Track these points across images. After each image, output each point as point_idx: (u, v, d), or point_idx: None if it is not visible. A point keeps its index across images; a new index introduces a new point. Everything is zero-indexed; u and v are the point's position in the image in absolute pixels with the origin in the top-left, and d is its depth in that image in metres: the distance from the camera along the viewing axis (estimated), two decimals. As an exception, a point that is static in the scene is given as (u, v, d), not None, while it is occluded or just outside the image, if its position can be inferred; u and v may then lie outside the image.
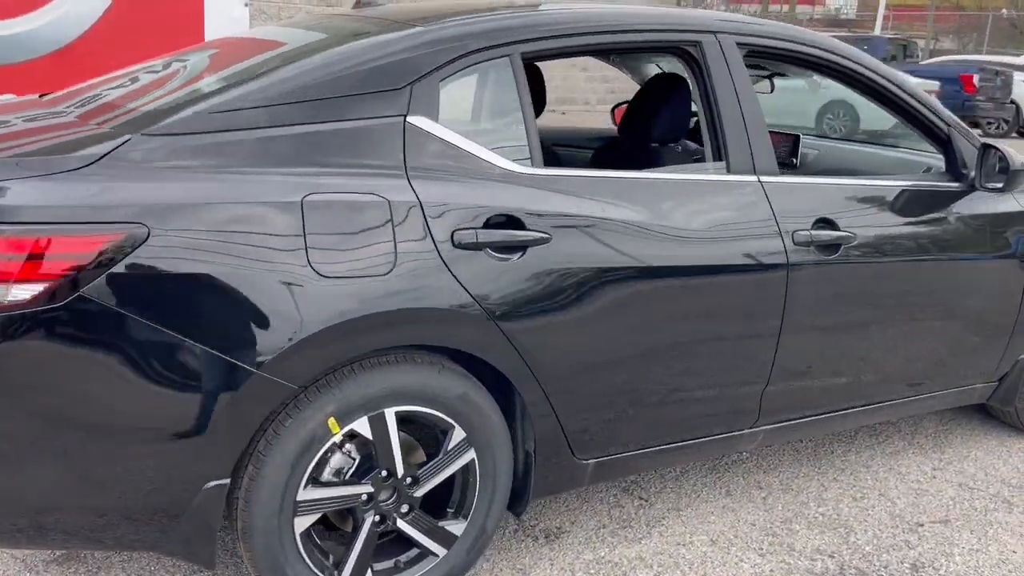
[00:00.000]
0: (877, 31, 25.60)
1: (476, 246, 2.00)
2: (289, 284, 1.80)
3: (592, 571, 2.40)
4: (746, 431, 2.62)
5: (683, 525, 2.66)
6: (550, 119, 4.00)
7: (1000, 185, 2.79)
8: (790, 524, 2.70)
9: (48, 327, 1.65)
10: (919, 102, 2.86)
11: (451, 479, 2.17)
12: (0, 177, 1.67)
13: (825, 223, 2.55)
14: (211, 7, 5.79)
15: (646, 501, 2.79)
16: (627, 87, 4.31)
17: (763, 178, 2.49)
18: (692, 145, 2.89)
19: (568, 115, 14.82)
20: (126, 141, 1.79)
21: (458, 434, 2.09)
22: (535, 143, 2.19)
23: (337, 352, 1.88)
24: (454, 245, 1.97)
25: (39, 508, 1.78)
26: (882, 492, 2.94)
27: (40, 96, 2.47)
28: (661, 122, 2.85)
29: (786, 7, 37.90)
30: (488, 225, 2.02)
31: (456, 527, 2.17)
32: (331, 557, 2.05)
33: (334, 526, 2.12)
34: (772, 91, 3.53)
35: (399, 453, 2.03)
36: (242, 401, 1.79)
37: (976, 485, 3.03)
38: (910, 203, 2.81)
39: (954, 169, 2.92)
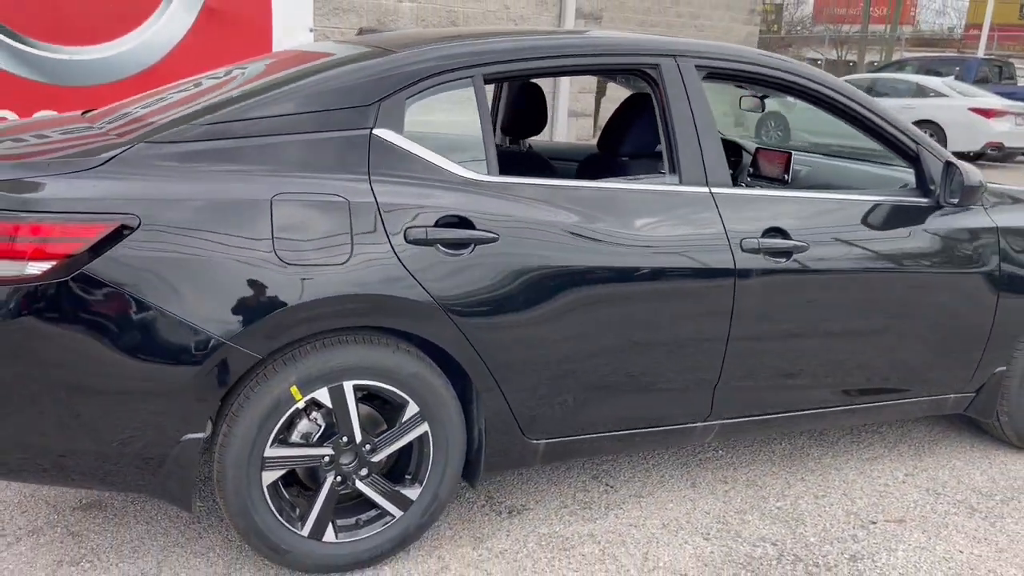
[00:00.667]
0: (981, 52, 24.85)
1: (427, 242, 2.28)
2: (256, 268, 2.12)
3: (543, 544, 2.63)
4: (699, 424, 2.81)
5: (640, 510, 2.87)
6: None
7: (956, 200, 2.92)
8: (744, 515, 2.88)
9: (54, 299, 2.01)
10: (885, 121, 3.02)
11: (408, 449, 2.45)
12: (26, 175, 2.04)
13: (776, 232, 2.74)
14: (279, 34, 6.27)
15: (611, 487, 3.01)
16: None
17: (714, 190, 2.70)
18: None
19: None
20: (130, 148, 2.15)
21: (412, 408, 2.37)
22: (492, 153, 2.47)
23: (297, 329, 2.19)
24: (406, 240, 2.27)
25: (58, 452, 2.14)
26: (846, 492, 3.08)
27: (83, 113, 2.89)
28: (629, 137, 3.09)
29: (887, 26, 37.12)
30: (439, 224, 2.31)
31: (412, 492, 2.45)
32: (297, 511, 2.36)
33: (307, 486, 2.42)
34: (763, 111, 3.71)
35: (357, 421, 2.32)
36: (213, 367, 2.11)
37: (944, 491, 3.13)
38: (873, 216, 2.96)
39: (923, 185, 3.06)
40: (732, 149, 3.92)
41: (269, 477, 2.27)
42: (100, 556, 2.44)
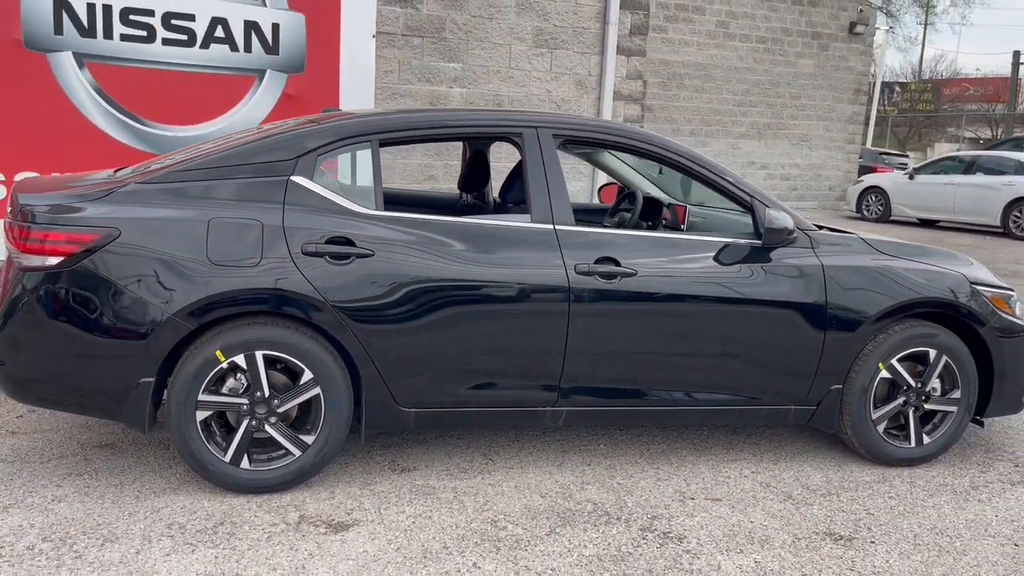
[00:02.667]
0: None
1: (318, 254, 3.26)
2: (194, 266, 3.15)
3: (414, 490, 3.47)
4: (548, 409, 3.60)
5: (504, 476, 3.66)
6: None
7: (761, 241, 3.64)
8: (586, 486, 3.61)
9: (64, 280, 3.10)
10: (721, 177, 3.79)
11: (308, 405, 3.37)
12: (57, 203, 3.16)
13: (609, 260, 3.54)
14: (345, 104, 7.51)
15: (491, 461, 3.82)
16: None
17: (558, 227, 3.55)
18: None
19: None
20: (125, 187, 3.25)
21: (307, 375, 3.31)
22: (379, 194, 3.43)
23: (220, 310, 3.19)
24: (302, 252, 3.24)
25: (64, 385, 3.20)
26: (687, 479, 3.75)
27: (115, 171, 4.06)
28: (512, 188, 3.98)
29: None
30: (328, 242, 3.28)
31: (308, 438, 3.37)
32: (224, 443, 3.32)
33: (233, 427, 3.38)
34: (660, 172, 4.51)
35: (266, 381, 3.27)
36: (161, 332, 3.14)
37: (776, 485, 3.74)
38: (708, 253, 3.69)
39: (757, 229, 3.77)
40: (654, 204, 4.70)
41: (201, 415, 3.25)
42: (98, 474, 3.48)
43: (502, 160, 7.62)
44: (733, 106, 18.01)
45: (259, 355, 3.25)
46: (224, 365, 3.23)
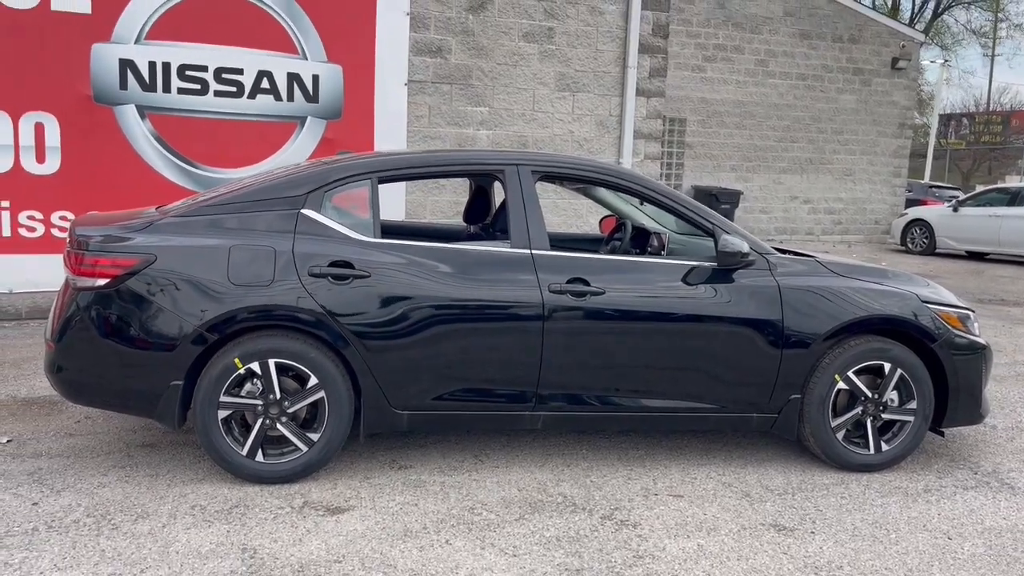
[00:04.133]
0: None
1: (321, 275, 3.80)
2: (217, 285, 3.71)
3: (407, 483, 3.95)
4: (527, 414, 4.06)
5: (490, 474, 4.11)
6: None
7: (716, 264, 4.07)
8: (562, 482, 4.05)
9: (110, 298, 3.70)
10: (685, 207, 4.23)
11: (315, 407, 3.89)
12: (107, 233, 3.77)
13: (579, 281, 4.01)
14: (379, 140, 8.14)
15: (481, 461, 4.28)
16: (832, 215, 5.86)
17: (535, 252, 4.03)
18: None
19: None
20: (161, 219, 3.85)
21: (313, 380, 3.84)
22: (377, 223, 3.97)
23: (239, 323, 3.74)
24: (309, 274, 3.79)
25: (107, 387, 3.79)
26: (655, 479, 4.15)
27: (157, 208, 4.68)
28: (500, 218, 4.48)
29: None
30: (331, 264, 3.82)
31: (314, 435, 3.88)
32: (241, 438, 3.85)
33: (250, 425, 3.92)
34: (642, 203, 4.96)
35: (277, 385, 3.81)
36: (187, 342, 3.71)
37: (737, 484, 4.12)
38: (673, 275, 4.13)
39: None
40: (644, 233, 5.14)
41: (222, 414, 3.79)
42: (138, 466, 4.05)
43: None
44: (774, 142, 18.30)
45: (272, 363, 3.79)
46: (242, 371, 3.77)
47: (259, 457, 3.84)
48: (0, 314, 7.15)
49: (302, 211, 3.91)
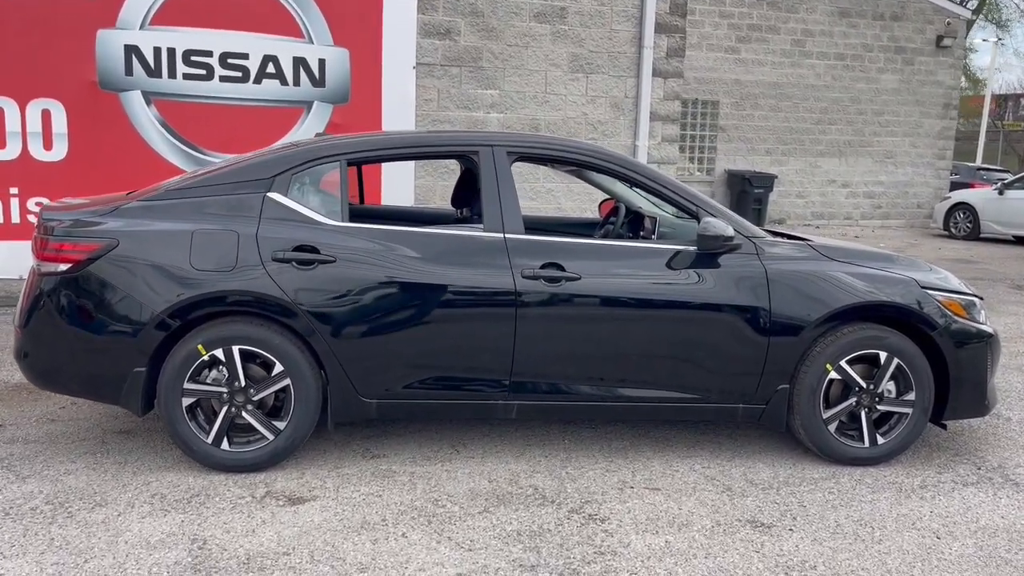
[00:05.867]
0: None
1: (285, 260, 3.71)
2: (179, 272, 3.65)
3: (377, 474, 3.86)
4: (500, 403, 3.93)
5: (463, 464, 4.00)
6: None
7: (695, 247, 3.89)
8: (536, 474, 3.92)
9: (72, 283, 3.65)
10: (667, 188, 4.06)
11: (283, 395, 3.82)
12: (75, 218, 3.72)
13: (554, 266, 3.86)
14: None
15: (457, 451, 4.17)
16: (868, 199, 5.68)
17: (508, 235, 3.90)
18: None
19: (822, 228, 15.51)
20: (127, 204, 3.79)
21: (278, 367, 3.76)
22: (345, 207, 3.87)
23: (202, 309, 3.67)
24: (272, 259, 3.70)
25: (70, 373, 3.75)
26: (634, 472, 4.00)
27: (128, 193, 4.62)
28: (462, 200, 4.34)
29: None
30: (295, 249, 3.73)
31: (280, 424, 3.81)
32: (207, 426, 3.79)
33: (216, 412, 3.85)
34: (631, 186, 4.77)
35: (242, 372, 3.73)
36: (149, 328, 3.65)
37: (720, 478, 3.95)
38: (659, 259, 3.96)
39: (702, 236, 4.02)
40: (640, 217, 4.97)
41: (186, 401, 3.73)
42: (109, 453, 4.02)
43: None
44: (811, 124, 17.84)
45: (236, 349, 3.71)
46: (205, 358, 3.70)
47: (225, 445, 3.77)
48: (11, 300, 7.22)
49: (268, 194, 3.82)
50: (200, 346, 3.69)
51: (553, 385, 3.93)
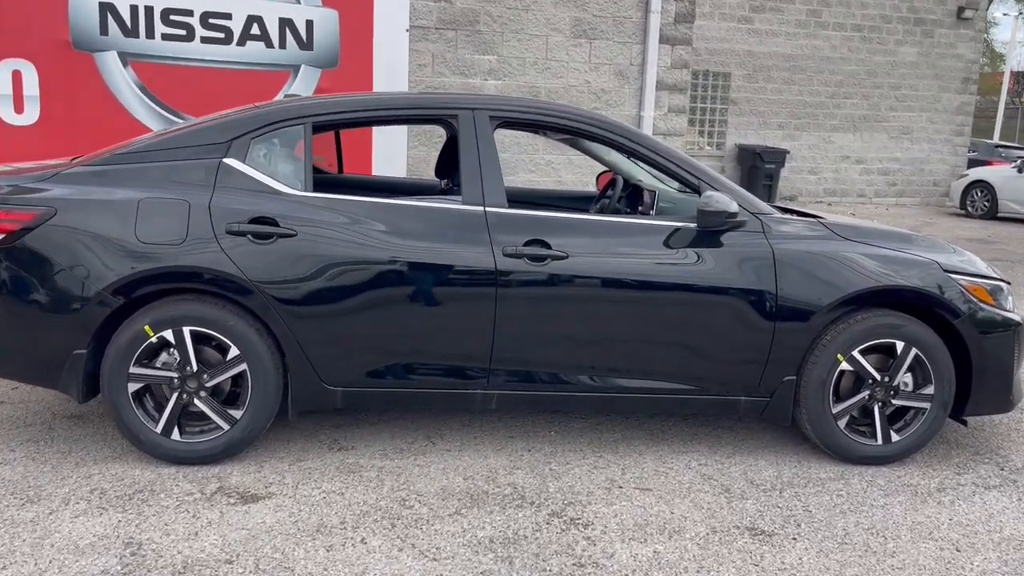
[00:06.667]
0: None
1: (240, 233, 3.35)
2: (123, 245, 3.30)
3: (341, 468, 3.53)
4: (479, 392, 3.58)
5: (438, 459, 3.66)
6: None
7: (695, 224, 3.52)
8: (516, 470, 3.58)
9: (7, 255, 3.31)
10: (667, 159, 3.68)
11: (239, 382, 3.48)
12: (11, 184, 3.38)
13: (538, 243, 3.50)
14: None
15: (433, 443, 3.83)
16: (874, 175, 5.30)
17: (489, 209, 3.53)
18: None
19: (835, 206, 15.12)
20: (68, 169, 3.44)
21: (234, 350, 3.41)
22: (309, 175, 3.50)
23: (147, 285, 3.33)
24: (226, 232, 3.35)
25: (13, 356, 3.42)
26: (625, 469, 3.66)
27: (72, 159, 4.26)
28: (445, 170, 3.97)
29: None
30: (252, 221, 3.37)
31: (236, 413, 3.47)
32: (157, 416, 3.46)
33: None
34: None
35: (193, 356, 3.39)
36: (90, 307, 3.30)
37: (718, 478, 3.61)
38: (656, 236, 3.59)
39: (704, 212, 3.64)
40: (637, 190, 4.60)
41: (133, 387, 3.40)
42: (54, 441, 3.70)
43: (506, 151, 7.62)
44: (825, 98, 17.32)
45: (187, 331, 3.37)
46: (153, 340, 3.36)
47: (175, 435, 3.44)
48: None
49: (224, 160, 3.46)
50: (147, 327, 3.35)
51: (536, 373, 3.59)
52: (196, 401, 3.43)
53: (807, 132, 17.32)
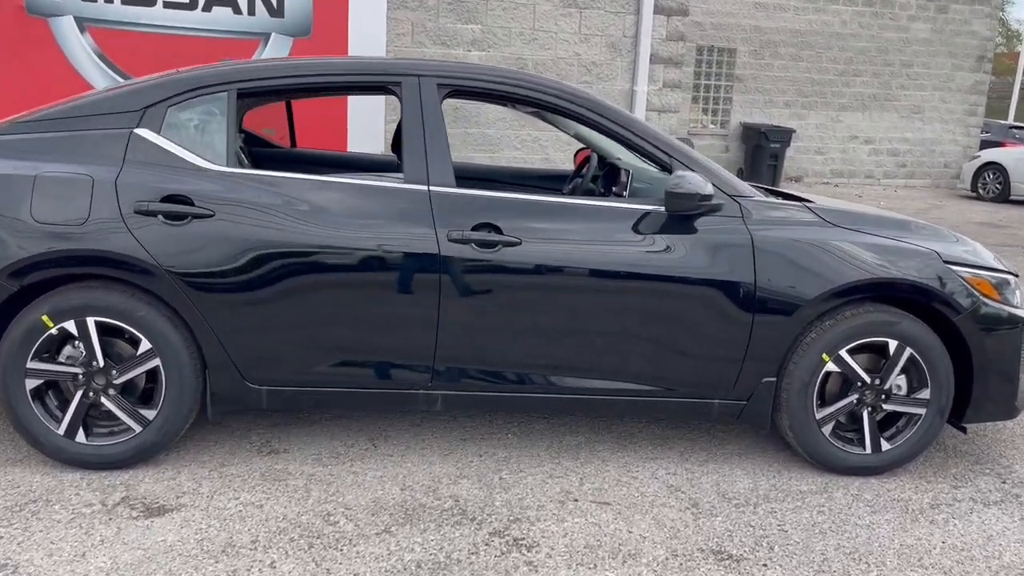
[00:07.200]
0: None
1: (150, 213, 2.98)
2: (16, 224, 2.93)
3: (266, 475, 3.18)
4: (421, 392, 3.22)
5: (377, 463, 3.31)
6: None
7: (663, 207, 3.13)
8: (460, 480, 3.22)
9: None
10: (636, 134, 3.28)
11: (152, 378, 3.12)
12: None
13: (488, 227, 3.12)
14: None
15: (375, 446, 3.47)
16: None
17: (434, 188, 3.15)
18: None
19: (841, 187, 14.66)
20: (-38, 140, 3.07)
21: (145, 344, 3.06)
22: (232, 149, 3.13)
23: (42, 271, 2.96)
24: (135, 212, 2.98)
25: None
26: (584, 478, 3.30)
27: None
28: (396, 144, 3.59)
29: None
30: (164, 200, 3.00)
31: (150, 413, 3.12)
32: (60, 416, 3.11)
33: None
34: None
35: (99, 349, 3.04)
36: (-20, 293, 2.95)
37: (688, 489, 3.24)
38: (620, 220, 3.21)
39: (675, 194, 3.25)
40: (615, 171, 4.20)
41: (31, 384, 3.04)
42: (-45, 439, 3.35)
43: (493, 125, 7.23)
44: (834, 75, 16.78)
45: (91, 322, 3.02)
46: (53, 331, 3.01)
47: (80, 437, 3.10)
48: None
49: (136, 131, 3.09)
50: (45, 317, 2.99)
51: (487, 372, 3.22)
52: (104, 400, 3.08)
53: (814, 111, 16.81)
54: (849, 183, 17.26)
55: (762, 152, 15.43)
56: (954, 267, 3.32)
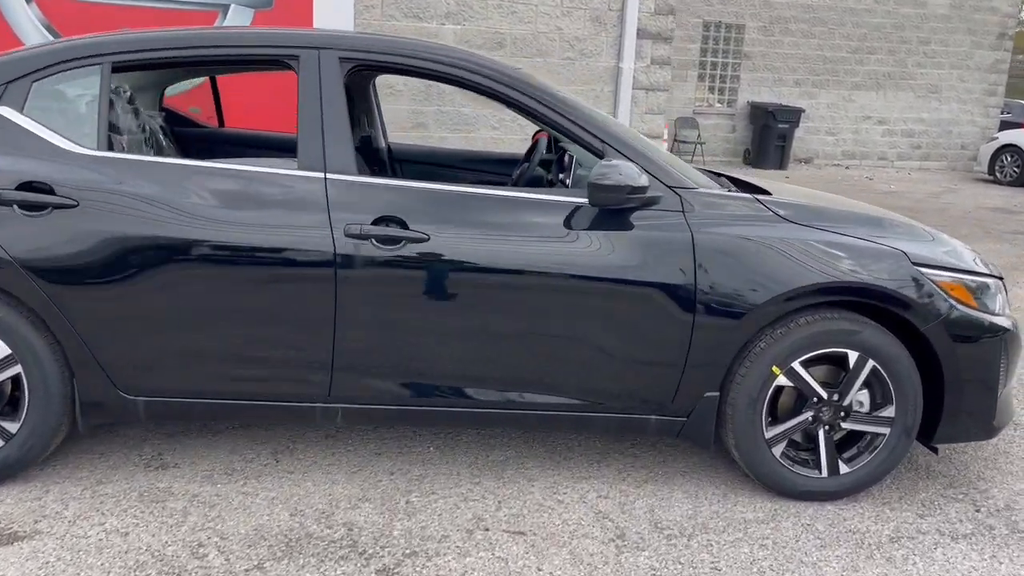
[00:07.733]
0: None
1: (6, 203, 2.65)
2: None
3: (144, 497, 2.85)
4: (318, 406, 2.88)
5: (272, 482, 2.98)
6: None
7: (586, 199, 2.76)
8: (361, 504, 2.88)
9: None
10: (562, 114, 2.91)
11: (16, 388, 2.80)
12: None
13: (392, 221, 2.76)
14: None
15: (278, 462, 3.14)
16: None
17: (331, 176, 2.79)
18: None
19: (851, 169, 14.19)
20: None
21: (4, 349, 2.73)
22: (103, 130, 2.78)
23: None
24: (-15, 201, 2.64)
25: None
26: (502, 501, 2.95)
27: None
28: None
29: None
30: (20, 187, 2.66)
31: (12, 426, 2.80)
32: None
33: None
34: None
35: (-47, 356, 2.72)
36: None
37: (617, 516, 2.89)
38: (546, 214, 2.84)
39: (608, 185, 2.88)
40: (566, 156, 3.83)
41: None
42: None
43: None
44: (847, 53, 16.20)
45: (-56, 325, 2.69)
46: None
47: (-54, 452, 2.78)
48: None
49: (-5, 110, 2.74)
50: (-101, 319, 2.67)
51: (390, 384, 2.87)
52: (-42, 411, 2.76)
53: (826, 90, 16.26)
54: (861, 165, 16.73)
55: (770, 132, 14.95)
56: (924, 269, 2.93)
